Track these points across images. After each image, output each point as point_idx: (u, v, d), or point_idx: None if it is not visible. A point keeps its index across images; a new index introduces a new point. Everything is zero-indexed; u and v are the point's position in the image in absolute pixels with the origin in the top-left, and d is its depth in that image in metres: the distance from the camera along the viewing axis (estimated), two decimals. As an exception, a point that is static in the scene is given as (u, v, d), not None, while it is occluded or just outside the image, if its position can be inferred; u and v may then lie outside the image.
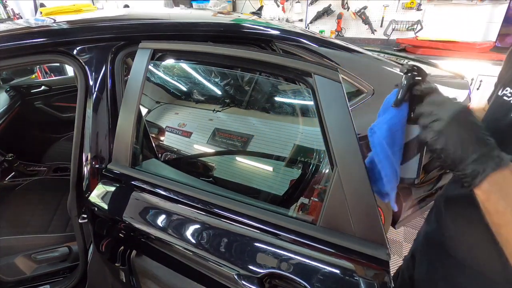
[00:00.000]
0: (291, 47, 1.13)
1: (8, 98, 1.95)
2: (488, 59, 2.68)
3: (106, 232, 1.00)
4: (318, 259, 0.70)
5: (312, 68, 0.72)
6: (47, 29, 0.97)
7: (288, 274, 0.70)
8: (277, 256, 0.73)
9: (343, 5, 3.42)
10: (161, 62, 1.01)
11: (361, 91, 1.18)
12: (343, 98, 0.65)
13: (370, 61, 1.34)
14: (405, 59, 1.87)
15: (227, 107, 1.13)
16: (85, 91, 0.98)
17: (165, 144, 1.13)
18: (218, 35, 1.08)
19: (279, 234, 0.74)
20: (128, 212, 0.92)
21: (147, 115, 1.15)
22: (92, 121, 0.97)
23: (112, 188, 0.96)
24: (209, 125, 1.10)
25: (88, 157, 0.97)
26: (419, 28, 3.16)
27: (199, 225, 0.83)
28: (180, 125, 1.12)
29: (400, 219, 1.52)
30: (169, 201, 0.88)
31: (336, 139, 0.67)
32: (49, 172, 1.96)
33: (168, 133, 1.13)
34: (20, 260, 1.28)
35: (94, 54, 0.97)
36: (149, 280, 0.97)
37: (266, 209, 0.79)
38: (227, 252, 0.78)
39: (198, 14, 1.38)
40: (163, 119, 1.16)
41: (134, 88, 0.93)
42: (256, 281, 0.72)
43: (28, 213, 1.43)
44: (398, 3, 3.20)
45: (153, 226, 0.87)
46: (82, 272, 1.17)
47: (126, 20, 1.10)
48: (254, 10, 3.81)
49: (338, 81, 0.67)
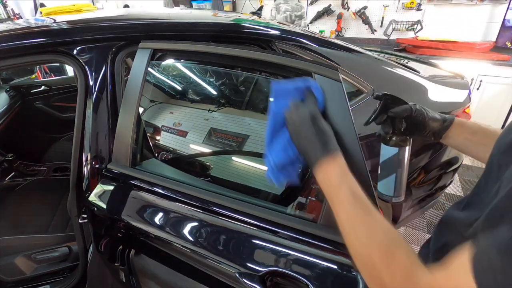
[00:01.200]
0: (291, 47, 1.13)
1: (8, 98, 1.95)
2: (488, 59, 2.68)
3: (106, 232, 1.00)
4: (319, 256, 0.70)
5: (312, 68, 0.72)
6: (47, 29, 0.97)
7: (290, 272, 0.71)
8: (278, 254, 0.73)
9: (343, 5, 3.42)
10: (161, 62, 1.01)
11: (361, 91, 1.18)
12: (343, 98, 0.65)
13: (370, 61, 1.34)
14: (405, 59, 1.87)
15: (222, 107, 1.13)
16: (85, 91, 0.98)
17: (166, 144, 1.13)
18: (218, 35, 1.08)
19: (280, 232, 0.75)
20: (128, 212, 0.92)
21: (148, 115, 1.15)
22: (92, 121, 0.97)
23: (112, 188, 0.96)
24: (205, 124, 1.10)
25: (88, 157, 0.97)
26: (419, 28, 3.16)
27: (205, 225, 0.83)
28: (175, 124, 1.12)
29: (400, 219, 1.52)
30: (170, 200, 0.88)
31: (336, 139, 0.67)
32: (49, 172, 1.96)
33: (166, 133, 1.13)
34: (20, 260, 1.28)
35: (94, 54, 0.97)
36: (150, 280, 0.97)
37: (266, 207, 0.79)
38: (228, 251, 0.78)
39: (198, 14, 1.38)
40: (160, 118, 1.16)
41: (134, 88, 0.93)
42: (258, 279, 0.72)
43: (28, 213, 1.43)
44: (398, 3, 3.20)
45: (153, 226, 0.87)
46: (82, 272, 1.16)
47: (126, 20, 1.10)
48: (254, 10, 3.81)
49: (338, 81, 0.67)
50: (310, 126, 0.55)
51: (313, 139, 0.54)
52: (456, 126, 0.68)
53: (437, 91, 1.37)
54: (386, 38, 3.35)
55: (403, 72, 1.34)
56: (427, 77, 1.41)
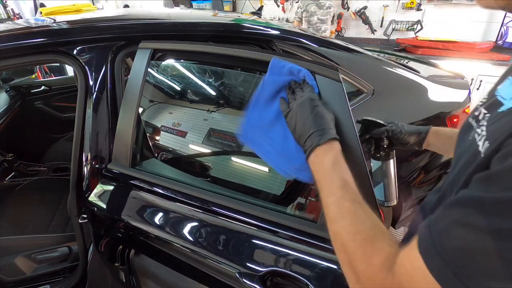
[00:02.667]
0: (291, 47, 1.13)
1: (8, 98, 1.95)
2: (488, 59, 2.68)
3: (106, 232, 1.00)
4: (319, 256, 0.70)
5: (312, 68, 0.72)
6: (47, 29, 0.97)
7: (290, 272, 0.71)
8: (278, 254, 0.73)
9: (343, 5, 3.42)
10: (161, 62, 1.00)
11: (361, 91, 1.18)
12: (343, 98, 0.65)
13: (370, 61, 1.34)
14: (405, 59, 1.87)
15: (221, 108, 1.13)
16: (85, 91, 0.98)
17: (166, 144, 1.13)
18: (218, 35, 1.08)
19: (280, 232, 0.75)
20: (128, 211, 0.92)
21: (147, 115, 1.15)
22: (92, 121, 0.97)
23: (112, 188, 0.96)
24: (204, 125, 1.10)
25: (88, 157, 0.97)
26: (419, 28, 3.16)
27: (205, 225, 0.83)
28: (174, 124, 1.12)
29: (400, 219, 1.52)
30: (170, 200, 0.88)
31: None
32: (49, 172, 1.96)
33: (166, 133, 1.13)
34: (20, 260, 1.28)
35: (94, 54, 0.97)
36: (150, 280, 0.97)
37: (266, 207, 0.79)
38: (228, 251, 0.78)
39: (198, 14, 1.38)
40: (160, 118, 1.16)
41: (134, 88, 0.93)
42: (258, 279, 0.72)
43: (28, 213, 1.43)
44: (398, 3, 3.20)
45: (153, 226, 0.87)
46: (82, 272, 1.17)
47: (126, 20, 1.10)
48: (254, 10, 3.81)
49: (338, 81, 0.67)
50: (308, 109, 0.55)
51: (310, 123, 0.54)
52: (432, 134, 0.77)
53: (437, 91, 1.37)
54: (386, 38, 3.35)
55: (403, 72, 1.34)
56: (427, 77, 1.40)
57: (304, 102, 0.57)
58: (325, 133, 0.53)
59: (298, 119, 0.56)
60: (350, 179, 0.50)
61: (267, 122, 0.61)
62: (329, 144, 0.52)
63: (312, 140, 0.53)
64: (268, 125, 0.61)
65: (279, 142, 0.59)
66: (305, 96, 0.58)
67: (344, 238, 0.44)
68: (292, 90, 0.62)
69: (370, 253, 0.40)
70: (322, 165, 0.51)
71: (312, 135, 0.53)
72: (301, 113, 0.56)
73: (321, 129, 0.53)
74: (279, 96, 0.62)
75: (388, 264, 0.38)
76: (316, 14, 3.17)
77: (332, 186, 0.49)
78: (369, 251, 0.41)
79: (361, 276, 0.40)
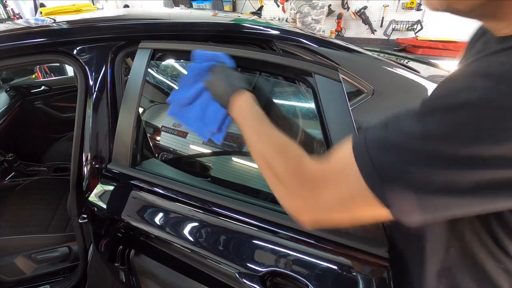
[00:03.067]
0: (291, 47, 1.13)
1: (8, 98, 1.95)
2: (488, 59, 2.68)
3: (106, 232, 1.00)
4: (319, 256, 0.70)
5: (312, 68, 0.72)
6: (47, 29, 0.97)
7: (290, 272, 0.71)
8: (278, 254, 0.73)
9: (343, 5, 3.42)
10: (161, 62, 1.00)
11: (361, 91, 1.18)
12: (343, 98, 0.66)
13: (370, 61, 1.34)
14: (405, 59, 1.87)
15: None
16: (85, 91, 0.98)
17: (166, 144, 1.13)
18: (218, 35, 1.08)
19: (280, 232, 0.75)
20: (128, 212, 0.92)
21: (148, 115, 1.15)
22: (92, 121, 0.97)
23: (112, 188, 0.96)
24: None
25: (88, 157, 0.97)
26: (419, 28, 3.16)
27: (205, 225, 0.83)
28: (175, 124, 1.12)
29: (400, 219, 1.52)
30: (170, 200, 0.88)
31: (337, 139, 0.68)
32: (49, 172, 1.96)
33: (166, 133, 1.13)
34: (20, 260, 1.28)
35: (94, 54, 0.97)
36: (150, 280, 0.97)
37: (266, 207, 0.79)
38: (228, 251, 0.78)
39: (198, 14, 1.38)
40: (160, 118, 1.16)
41: (134, 88, 0.93)
42: (258, 279, 0.72)
43: (28, 213, 1.43)
44: (398, 3, 3.21)
45: (153, 226, 0.87)
46: (82, 272, 1.17)
47: (126, 20, 1.10)
48: (254, 10, 3.81)
49: (338, 81, 0.67)
50: (221, 75, 0.68)
51: (224, 84, 0.66)
52: None
53: (437, 91, 1.36)
54: (386, 38, 3.35)
55: (403, 72, 1.34)
56: (427, 77, 1.40)
57: (217, 71, 0.70)
58: (234, 85, 0.65)
59: (216, 85, 0.68)
60: (263, 114, 0.60)
61: (190, 99, 0.73)
62: (241, 94, 0.63)
63: (228, 94, 0.64)
64: (192, 101, 0.73)
65: (200, 112, 0.71)
66: (218, 67, 0.71)
67: (263, 151, 0.53)
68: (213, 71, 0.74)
69: (284, 159, 0.49)
70: (239, 109, 0.62)
71: (226, 91, 0.65)
72: (217, 80, 0.68)
73: (231, 84, 0.65)
74: (200, 78, 0.73)
75: (303, 160, 0.47)
76: (310, 14, 3.16)
77: (250, 119, 0.59)
78: (283, 158, 0.49)
79: (282, 176, 0.48)
